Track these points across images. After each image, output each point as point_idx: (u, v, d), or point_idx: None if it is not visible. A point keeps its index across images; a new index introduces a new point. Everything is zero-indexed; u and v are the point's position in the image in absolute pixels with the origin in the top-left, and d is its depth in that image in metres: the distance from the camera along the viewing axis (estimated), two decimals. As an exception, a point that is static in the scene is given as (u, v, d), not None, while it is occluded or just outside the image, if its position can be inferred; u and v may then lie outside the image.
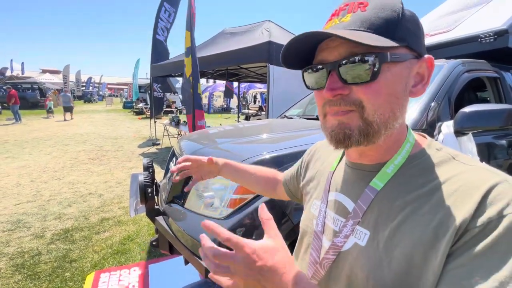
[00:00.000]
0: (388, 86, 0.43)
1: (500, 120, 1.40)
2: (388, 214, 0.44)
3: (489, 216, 0.36)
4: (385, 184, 0.46)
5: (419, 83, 0.47)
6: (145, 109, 14.60)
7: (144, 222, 2.96)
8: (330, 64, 0.44)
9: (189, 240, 1.26)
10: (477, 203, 0.37)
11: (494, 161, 1.83)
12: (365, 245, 0.45)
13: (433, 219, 0.39)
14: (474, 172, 0.41)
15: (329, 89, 0.44)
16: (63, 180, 4.32)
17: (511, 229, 0.34)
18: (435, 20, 2.89)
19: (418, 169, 0.45)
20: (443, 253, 0.38)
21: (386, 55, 0.42)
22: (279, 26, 5.33)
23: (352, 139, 0.44)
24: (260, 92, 18.41)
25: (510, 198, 0.36)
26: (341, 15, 0.44)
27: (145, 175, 1.48)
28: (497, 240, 0.35)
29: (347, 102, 0.44)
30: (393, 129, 0.46)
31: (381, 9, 0.42)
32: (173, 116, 7.14)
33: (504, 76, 2.06)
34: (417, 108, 1.59)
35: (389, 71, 0.43)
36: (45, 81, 26.40)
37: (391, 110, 0.44)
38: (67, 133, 8.94)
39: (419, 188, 0.43)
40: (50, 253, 2.38)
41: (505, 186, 0.37)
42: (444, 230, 0.38)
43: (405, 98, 0.46)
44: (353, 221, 0.48)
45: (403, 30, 0.43)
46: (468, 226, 0.37)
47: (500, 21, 2.08)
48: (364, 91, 0.43)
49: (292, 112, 2.64)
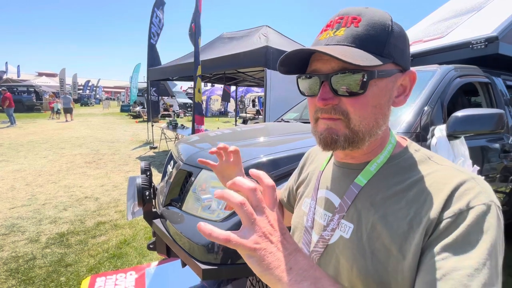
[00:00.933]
0: (374, 99, 0.47)
1: (491, 124, 1.44)
2: (370, 209, 0.48)
3: (459, 207, 0.40)
4: (368, 181, 0.50)
5: (401, 94, 0.51)
6: (142, 112, 14.59)
7: (141, 225, 2.95)
8: (323, 75, 0.47)
9: (187, 242, 1.26)
10: (447, 197, 0.41)
11: (487, 164, 1.87)
12: (349, 237, 0.49)
13: (408, 213, 0.43)
14: (445, 171, 0.45)
15: (321, 98, 0.47)
16: (59, 184, 4.29)
17: (480, 218, 0.38)
18: (429, 26, 2.96)
19: (397, 168, 0.49)
20: (417, 244, 0.41)
21: (374, 73, 0.45)
22: (276, 31, 5.39)
23: (338, 144, 0.48)
24: (258, 96, 18.49)
25: (477, 192, 0.41)
26: (336, 28, 0.47)
27: (142, 178, 1.49)
28: (468, 229, 0.38)
29: (337, 111, 0.47)
30: (376, 135, 0.50)
31: (373, 26, 0.45)
32: (171, 120, 7.14)
33: (495, 81, 2.11)
34: (411, 112, 1.62)
35: (376, 86, 0.46)
36: (41, 84, 26.23)
37: (375, 120, 0.48)
38: (63, 137, 8.88)
39: (397, 184, 0.47)
40: (45, 258, 2.36)
41: (472, 182, 0.42)
42: (417, 222, 0.42)
43: (388, 108, 0.50)
44: (338, 215, 0.52)
45: (390, 47, 0.46)
46: (440, 218, 0.40)
47: (490, 28, 2.14)
48: (352, 103, 0.46)
49: (289, 116, 2.67)
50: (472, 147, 1.70)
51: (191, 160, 1.53)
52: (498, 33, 2.05)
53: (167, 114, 13.60)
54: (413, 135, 1.54)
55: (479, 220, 0.38)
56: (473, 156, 1.60)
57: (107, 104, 25.48)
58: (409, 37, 2.10)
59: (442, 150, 1.44)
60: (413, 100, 1.67)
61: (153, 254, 2.43)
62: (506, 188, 2.06)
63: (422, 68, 1.97)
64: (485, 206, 0.39)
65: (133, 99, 14.37)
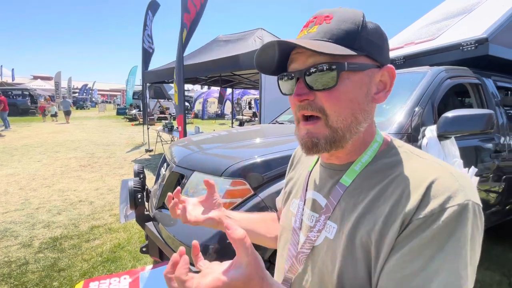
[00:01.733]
0: (348, 93, 0.47)
1: (480, 124, 1.45)
2: (352, 208, 0.48)
3: (431, 208, 0.39)
4: (353, 181, 0.50)
5: (381, 91, 0.51)
6: (139, 115, 14.53)
7: (136, 229, 2.92)
8: (298, 72, 0.48)
9: (179, 245, 1.26)
10: (421, 195, 0.40)
11: (479, 164, 1.88)
12: (333, 238, 0.49)
13: (385, 210, 0.43)
14: (424, 166, 0.45)
15: (296, 94, 0.48)
16: (53, 188, 4.25)
17: (451, 221, 0.38)
18: (420, 28, 2.99)
19: (380, 166, 0.49)
20: (390, 243, 0.41)
21: (343, 65, 0.45)
22: (271, 34, 5.42)
23: (319, 147, 0.48)
24: (254, 98, 18.52)
25: (452, 191, 0.39)
26: (310, 27, 0.49)
27: (135, 181, 1.49)
28: (437, 231, 0.38)
29: (313, 107, 0.47)
30: (358, 133, 0.49)
31: (343, 21, 0.46)
32: (166, 122, 7.11)
33: (486, 82, 2.14)
34: (402, 113, 1.64)
35: (349, 79, 0.46)
36: (36, 87, 26.05)
37: (352, 115, 0.47)
38: (58, 140, 8.81)
39: (379, 182, 0.47)
40: (38, 262, 2.33)
41: (448, 179, 0.41)
42: (392, 219, 0.41)
43: (367, 104, 0.49)
44: (324, 216, 0.51)
45: (362, 41, 0.46)
46: (413, 217, 0.40)
47: (480, 30, 2.17)
48: (326, 97, 0.46)
49: (283, 118, 2.68)
50: (464, 147, 1.72)
51: (184, 162, 1.53)
52: (488, 34, 2.08)
53: (163, 116, 13.55)
54: (404, 136, 1.55)
55: (449, 223, 0.37)
56: (465, 156, 1.62)
57: (103, 107, 25.34)
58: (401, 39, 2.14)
59: (433, 150, 1.45)
60: (404, 101, 1.69)
61: (147, 258, 2.41)
62: (499, 187, 2.08)
63: (413, 70, 1.99)
64: (459, 207, 0.38)
65: (129, 102, 14.33)
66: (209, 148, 1.79)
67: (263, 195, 1.28)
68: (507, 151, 2.06)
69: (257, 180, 1.31)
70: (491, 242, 2.65)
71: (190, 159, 1.55)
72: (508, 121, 2.18)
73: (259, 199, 1.27)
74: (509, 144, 2.11)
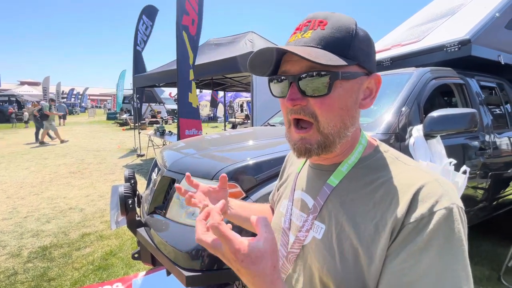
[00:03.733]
0: (340, 101, 0.48)
1: (464, 123, 1.50)
2: (340, 209, 0.49)
3: (421, 212, 0.41)
4: (339, 182, 0.51)
5: (368, 97, 0.53)
6: (129, 120, 14.34)
7: (128, 235, 2.88)
8: (291, 76, 0.48)
9: (171, 250, 1.25)
10: (410, 200, 0.42)
11: (466, 162, 1.93)
12: (321, 238, 0.50)
13: (375, 215, 0.44)
14: (410, 172, 0.47)
15: (289, 99, 0.48)
16: (42, 196, 4.15)
17: (441, 224, 0.40)
18: (406, 31, 3.06)
19: (367, 169, 0.51)
20: (383, 248, 0.42)
21: (338, 74, 0.46)
22: (262, 37, 5.46)
23: (312, 152, 0.50)
24: (247, 101, 18.54)
25: (438, 196, 0.41)
26: (303, 31, 0.49)
27: (125, 186, 1.47)
28: (431, 235, 0.39)
29: (306, 112, 0.48)
30: (346, 137, 0.51)
31: (337, 29, 0.47)
32: (158, 126, 7.05)
33: (469, 82, 2.20)
34: (389, 113, 1.67)
35: (341, 87, 0.48)
36: (23, 93, 25.45)
37: (341, 121, 0.49)
38: (46, 147, 8.62)
39: (366, 186, 0.48)
40: (27, 272, 2.27)
41: (434, 185, 0.43)
42: (383, 225, 0.43)
43: (355, 110, 0.51)
44: (312, 216, 0.53)
45: (355, 50, 0.47)
46: (404, 222, 0.41)
47: (463, 31, 2.24)
48: (319, 104, 0.47)
49: (275, 120, 2.69)
50: (450, 145, 1.76)
51: (175, 166, 1.52)
52: (470, 36, 2.15)
53: (154, 121, 13.42)
54: (392, 136, 1.58)
55: (440, 225, 0.39)
56: (451, 154, 1.66)
57: (92, 112, 24.95)
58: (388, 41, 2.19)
59: (420, 149, 1.49)
60: (391, 102, 1.73)
61: (140, 264, 2.38)
62: (486, 184, 2.14)
63: (399, 71, 2.04)
64: (447, 211, 0.40)
65: (120, 106, 14.14)
66: (200, 151, 1.78)
67: (255, 197, 1.29)
68: (491, 149, 2.13)
69: (249, 183, 1.32)
70: (480, 237, 2.72)
71: (181, 163, 1.55)
72: (492, 120, 2.25)
73: (251, 201, 1.28)
74: (494, 141, 2.18)
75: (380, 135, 1.56)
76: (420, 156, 1.48)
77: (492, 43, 2.34)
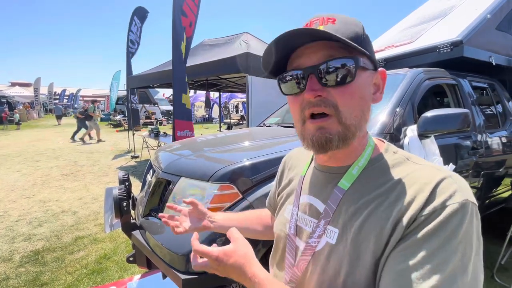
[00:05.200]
0: (360, 90, 0.48)
1: (457, 123, 1.52)
2: (354, 213, 0.48)
3: (434, 206, 0.41)
4: (351, 185, 0.50)
5: (377, 92, 0.53)
6: (123, 121, 14.20)
7: (122, 238, 2.84)
8: (309, 68, 0.47)
9: (167, 253, 1.23)
10: (427, 196, 0.42)
11: (459, 161, 1.96)
12: (335, 243, 0.48)
13: (391, 214, 0.44)
14: (424, 171, 0.46)
15: (310, 90, 0.46)
16: (33, 199, 4.07)
17: (451, 217, 0.40)
18: (399, 32, 3.10)
19: (378, 171, 0.50)
20: (395, 240, 0.42)
21: (359, 60, 0.46)
22: (257, 38, 5.47)
23: (333, 143, 0.47)
24: (242, 102, 18.53)
25: (452, 191, 0.42)
26: (314, 26, 0.48)
27: (120, 189, 1.45)
28: (439, 226, 0.40)
29: (326, 103, 0.46)
30: (363, 131, 0.50)
31: (348, 24, 0.47)
32: (152, 128, 6.99)
33: (462, 83, 2.23)
34: (384, 113, 1.69)
35: (360, 77, 0.47)
36: (14, 94, 24.98)
37: (362, 112, 0.48)
38: (38, 149, 8.47)
39: (379, 187, 0.47)
40: (19, 277, 2.22)
41: (449, 180, 0.43)
42: (401, 223, 0.42)
43: (370, 103, 0.51)
44: (324, 221, 0.51)
45: (366, 43, 0.48)
46: (418, 215, 0.41)
47: (455, 32, 2.28)
48: (341, 93, 0.46)
49: (270, 121, 2.69)
50: (444, 145, 1.78)
51: (170, 168, 1.51)
52: (462, 37, 2.18)
53: (149, 122, 13.31)
54: (387, 136, 1.60)
55: (450, 218, 0.39)
56: (445, 154, 1.68)
57: (86, 114, 24.63)
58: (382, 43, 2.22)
59: (414, 149, 1.50)
60: (386, 102, 1.74)
61: (135, 268, 2.35)
62: (478, 183, 2.17)
63: (393, 72, 2.06)
64: (458, 205, 0.40)
65: (112, 107, 13.98)
66: (196, 152, 1.77)
67: (252, 199, 1.28)
68: (483, 148, 2.16)
69: (246, 184, 1.31)
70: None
71: (177, 164, 1.54)
72: (483, 120, 2.29)
73: (247, 202, 1.27)
74: (486, 141, 2.21)
75: (375, 135, 1.57)
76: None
77: (483, 44, 2.38)
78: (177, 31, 3.64)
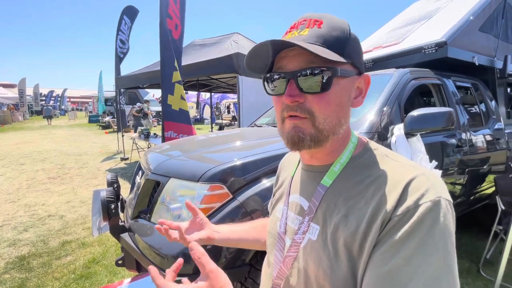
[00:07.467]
0: (337, 98, 0.49)
1: (442, 122, 1.56)
2: (334, 209, 0.49)
3: (407, 205, 0.41)
4: (333, 181, 0.51)
5: (358, 96, 0.54)
6: (112, 122, 13.93)
7: (111, 242, 2.79)
8: (290, 73, 0.48)
9: (157, 256, 1.22)
10: (399, 195, 0.43)
11: (445, 159, 2.01)
12: (316, 239, 0.50)
13: (367, 212, 0.44)
14: (398, 168, 0.48)
15: (288, 95, 0.48)
16: (18, 203, 3.95)
17: (425, 217, 0.40)
18: (387, 33, 3.16)
19: (358, 168, 0.51)
20: (372, 241, 0.42)
21: (337, 70, 0.47)
22: (247, 38, 5.47)
23: (304, 142, 0.49)
24: (233, 102, 18.48)
25: (425, 189, 0.42)
26: (300, 29, 0.49)
27: (107, 191, 1.42)
28: (414, 227, 0.40)
29: (302, 109, 0.48)
30: (339, 134, 0.51)
31: (334, 28, 0.48)
32: (142, 129, 6.89)
33: (446, 83, 2.30)
34: (372, 113, 1.71)
35: (338, 84, 0.48)
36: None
37: (337, 118, 0.50)
38: (23, 151, 8.22)
39: (358, 184, 0.48)
40: (4, 284, 2.15)
41: (421, 178, 0.44)
42: (374, 220, 0.43)
43: (348, 108, 0.52)
44: (308, 218, 0.52)
45: (349, 49, 0.49)
46: (391, 215, 0.42)
47: (440, 34, 2.34)
48: (317, 100, 0.48)
49: (261, 121, 2.69)
50: (430, 143, 1.83)
51: (159, 169, 1.49)
52: (446, 38, 2.24)
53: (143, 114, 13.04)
54: (375, 135, 1.62)
55: (424, 217, 0.40)
56: (431, 152, 1.72)
57: (73, 115, 24.09)
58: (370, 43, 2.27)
59: (401, 147, 1.53)
60: (374, 102, 1.77)
61: (125, 271, 2.31)
62: (463, 180, 2.23)
63: (381, 72, 2.10)
64: (432, 203, 0.41)
65: (101, 109, 13.71)
66: (186, 153, 1.76)
67: (242, 198, 1.28)
68: (468, 146, 2.22)
69: (236, 184, 1.31)
70: (459, 231, 2.82)
71: (166, 165, 1.52)
72: (467, 118, 2.36)
73: (238, 202, 1.27)
74: (470, 139, 2.28)
75: (364, 134, 1.60)
76: (401, 154, 1.53)
77: (467, 45, 2.45)
78: (164, 32, 3.61)
